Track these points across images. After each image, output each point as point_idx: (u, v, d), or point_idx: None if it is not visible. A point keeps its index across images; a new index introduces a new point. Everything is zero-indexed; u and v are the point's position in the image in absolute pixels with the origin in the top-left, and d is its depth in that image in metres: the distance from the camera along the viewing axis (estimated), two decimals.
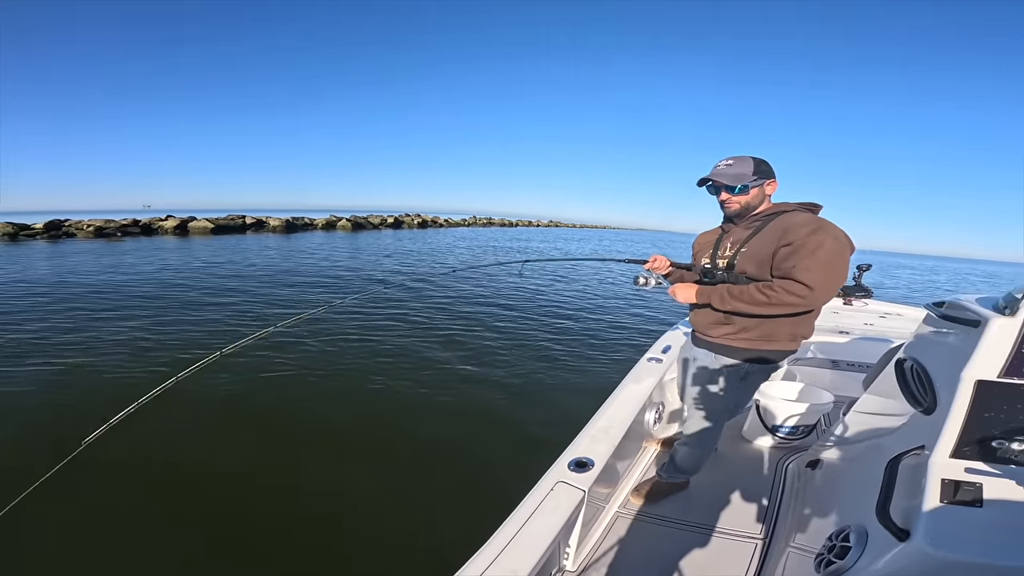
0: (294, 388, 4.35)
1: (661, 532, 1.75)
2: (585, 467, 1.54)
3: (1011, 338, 1.15)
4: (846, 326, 3.47)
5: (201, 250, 16.52)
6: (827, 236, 1.46)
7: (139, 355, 5.13)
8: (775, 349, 1.66)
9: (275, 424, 3.69)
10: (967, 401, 1.16)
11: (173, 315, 6.92)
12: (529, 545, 1.21)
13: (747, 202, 1.63)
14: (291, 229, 28.19)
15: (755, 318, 1.60)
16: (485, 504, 1.76)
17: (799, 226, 1.49)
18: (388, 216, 39.04)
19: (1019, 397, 1.14)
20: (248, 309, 7.50)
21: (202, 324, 6.50)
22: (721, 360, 1.71)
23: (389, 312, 7.30)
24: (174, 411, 3.50)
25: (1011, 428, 1.14)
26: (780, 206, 1.63)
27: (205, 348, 4.25)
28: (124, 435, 1.57)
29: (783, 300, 1.47)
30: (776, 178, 1.65)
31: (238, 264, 12.74)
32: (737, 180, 1.60)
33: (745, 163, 1.61)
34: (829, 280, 1.45)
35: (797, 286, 1.44)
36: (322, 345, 5.54)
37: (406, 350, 5.55)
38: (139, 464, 2.98)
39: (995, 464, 1.13)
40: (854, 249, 1.52)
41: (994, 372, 1.15)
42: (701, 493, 1.97)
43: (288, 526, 2.51)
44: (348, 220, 32.35)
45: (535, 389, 4.54)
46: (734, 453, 2.34)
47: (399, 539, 2.45)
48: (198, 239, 21.44)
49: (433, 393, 4.33)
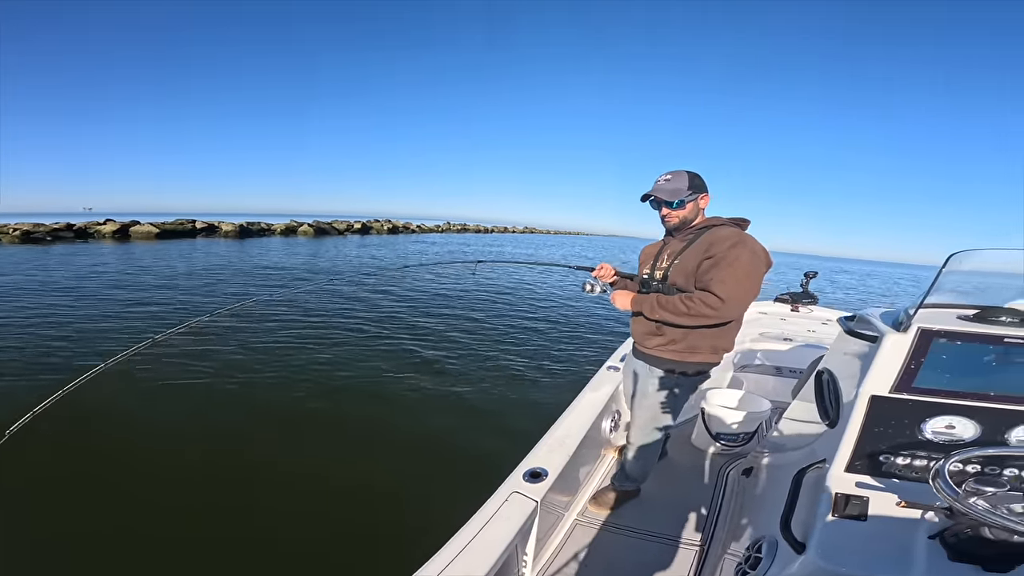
0: (186, 399, 4.03)
1: (615, 540, 1.80)
2: (539, 477, 1.56)
3: (902, 354, 1.20)
4: (791, 333, 3.53)
5: (126, 256, 15.45)
6: (744, 250, 1.54)
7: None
8: (699, 361, 1.73)
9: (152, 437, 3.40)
10: (861, 416, 1.22)
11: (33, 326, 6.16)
12: (482, 553, 1.22)
13: (684, 216, 1.70)
14: (245, 234, 26.93)
15: (681, 329, 1.68)
16: (438, 518, 1.67)
17: (721, 240, 1.58)
18: (355, 221, 37.94)
19: (906, 412, 1.19)
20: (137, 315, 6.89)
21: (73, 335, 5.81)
22: (655, 372, 1.80)
23: (297, 320, 6.79)
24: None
25: (897, 443, 1.19)
26: (711, 220, 1.71)
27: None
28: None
29: (699, 311, 1.55)
30: (709, 192, 1.72)
31: (147, 270, 11.83)
32: (674, 195, 1.67)
33: (681, 178, 1.68)
34: (741, 293, 1.53)
35: (712, 298, 1.52)
36: (219, 352, 5.09)
37: (341, 358, 5.24)
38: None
39: (882, 478, 1.19)
40: (770, 264, 1.60)
41: (886, 387, 1.20)
42: (651, 501, 2.03)
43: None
44: (310, 225, 31.23)
45: (495, 400, 4.42)
46: (683, 460, 2.39)
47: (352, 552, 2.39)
48: (141, 244, 20.10)
49: (388, 401, 4.22)
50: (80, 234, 22.14)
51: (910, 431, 1.18)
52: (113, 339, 5.66)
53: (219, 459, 3.16)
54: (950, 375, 1.18)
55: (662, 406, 1.81)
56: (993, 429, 1.15)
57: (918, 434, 1.18)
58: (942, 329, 1.18)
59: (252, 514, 2.64)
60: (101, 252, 16.37)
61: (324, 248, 21.59)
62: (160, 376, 4.38)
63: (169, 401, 4.01)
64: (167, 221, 26.02)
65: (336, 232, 32.94)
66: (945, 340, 1.18)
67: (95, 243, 20.25)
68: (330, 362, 5.12)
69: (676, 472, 2.28)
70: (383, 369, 4.98)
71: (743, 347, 3.32)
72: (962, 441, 1.16)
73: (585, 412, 2.04)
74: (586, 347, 6.34)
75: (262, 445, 3.37)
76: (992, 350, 1.16)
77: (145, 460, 3.12)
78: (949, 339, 1.18)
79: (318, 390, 4.38)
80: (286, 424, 3.74)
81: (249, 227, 28.10)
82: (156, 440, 3.38)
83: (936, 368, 1.18)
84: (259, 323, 6.43)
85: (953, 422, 1.17)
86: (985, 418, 1.15)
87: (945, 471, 0.93)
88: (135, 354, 1.83)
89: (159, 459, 3.13)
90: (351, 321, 6.92)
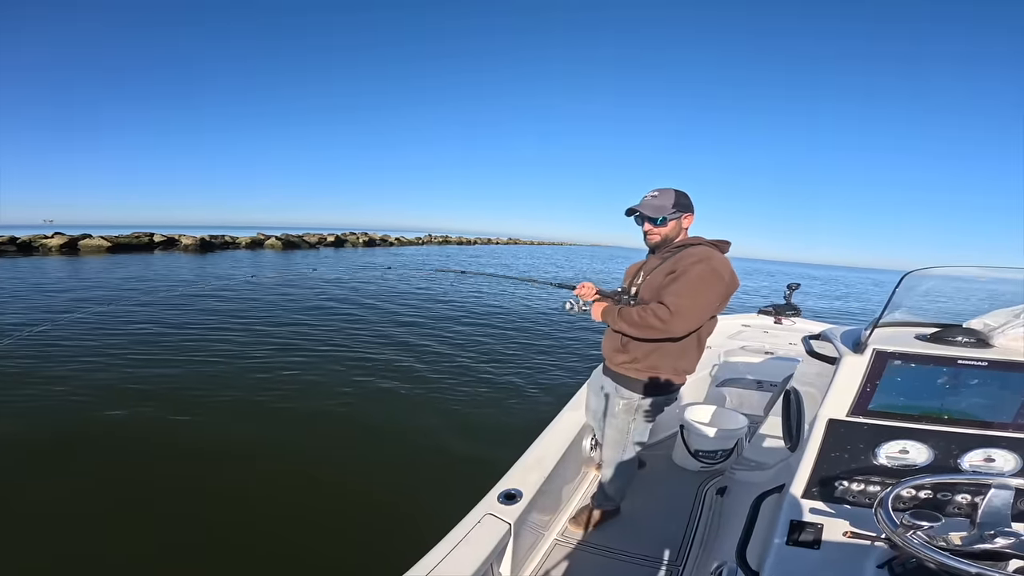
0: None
1: (593, 560, 1.83)
2: (514, 499, 1.58)
3: (858, 376, 1.20)
4: (772, 346, 3.53)
5: (54, 271, 14.77)
6: (705, 267, 1.56)
7: None
8: (663, 381, 1.76)
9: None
10: (819, 440, 1.22)
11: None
12: (453, 574, 1.24)
13: (665, 234, 1.74)
14: (207, 248, 26.25)
15: (643, 348, 1.72)
16: (412, 539, 1.62)
17: (687, 256, 1.62)
18: (328, 234, 37.39)
19: (861, 436, 1.19)
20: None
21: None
22: (620, 390, 1.83)
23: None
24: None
25: (852, 468, 1.20)
26: (691, 240, 1.74)
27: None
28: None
29: (648, 322, 1.59)
30: (694, 212, 1.76)
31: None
32: (658, 212, 1.71)
33: (667, 196, 1.72)
34: (692, 307, 1.55)
35: (661, 309, 1.57)
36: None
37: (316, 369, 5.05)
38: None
39: (837, 504, 1.19)
40: (733, 285, 1.61)
41: (843, 411, 1.21)
42: (631, 519, 2.06)
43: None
44: (278, 238, 30.65)
45: (477, 418, 4.35)
46: (663, 478, 2.41)
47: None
48: (91, 259, 19.30)
49: (366, 417, 4.17)
50: (24, 248, 21.21)
51: (865, 456, 1.19)
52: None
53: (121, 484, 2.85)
54: (905, 398, 1.18)
55: (631, 424, 1.85)
56: (945, 454, 1.15)
57: (872, 459, 1.19)
58: (896, 350, 1.19)
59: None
60: (46, 267, 15.62)
61: (285, 262, 21.04)
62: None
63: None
64: (122, 234, 25.20)
65: (308, 245, 32.37)
66: (900, 362, 1.18)
67: (38, 258, 19.39)
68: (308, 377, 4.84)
69: (657, 490, 2.30)
70: (345, 380, 4.78)
71: (725, 361, 3.32)
72: (915, 466, 1.17)
73: (564, 431, 2.08)
74: (569, 362, 6.21)
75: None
76: (945, 372, 1.16)
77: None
78: (904, 360, 1.18)
79: (292, 403, 4.17)
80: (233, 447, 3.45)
81: (212, 240, 27.41)
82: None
83: (891, 391, 1.18)
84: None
85: (907, 446, 1.17)
86: (938, 442, 1.16)
87: (888, 502, 0.93)
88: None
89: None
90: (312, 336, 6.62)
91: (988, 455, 1.12)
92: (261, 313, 8.33)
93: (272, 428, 3.88)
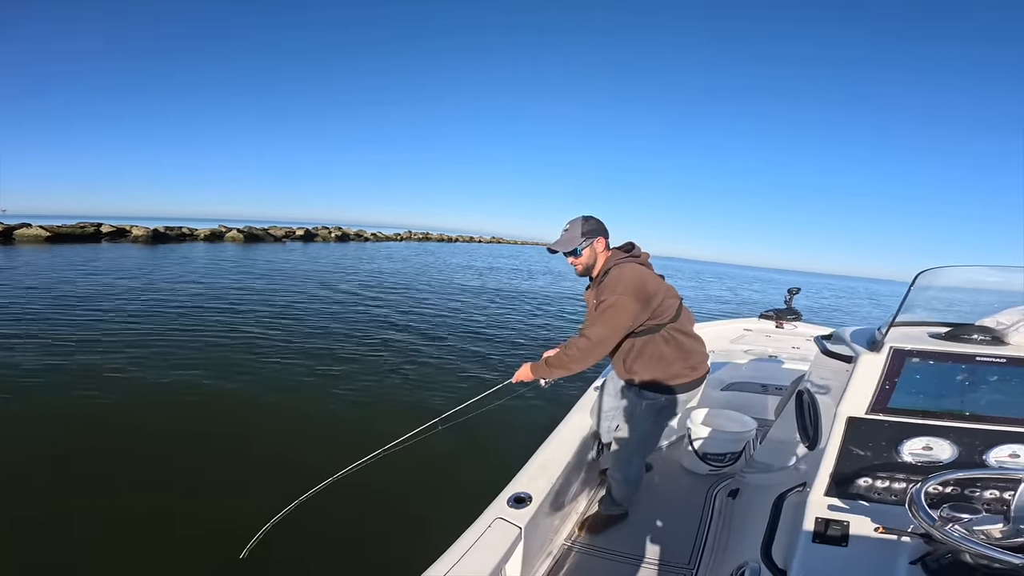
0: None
1: (603, 565, 1.88)
2: (524, 503, 1.63)
3: (876, 374, 1.25)
4: (776, 350, 3.71)
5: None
6: (615, 296, 1.74)
7: None
8: (672, 383, 1.88)
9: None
10: (839, 438, 1.27)
11: None
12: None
13: (584, 263, 1.91)
14: (160, 239, 25.45)
15: (640, 361, 1.88)
16: (425, 543, 1.67)
17: (607, 287, 1.79)
18: (297, 228, 36.68)
19: (883, 433, 1.25)
20: None
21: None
22: (644, 393, 1.92)
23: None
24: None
25: (875, 465, 1.25)
26: (609, 260, 1.89)
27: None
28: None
29: (573, 355, 1.79)
30: (605, 234, 1.91)
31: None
32: (571, 244, 1.87)
33: (575, 226, 1.88)
34: (606, 334, 1.77)
35: (582, 340, 1.78)
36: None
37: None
38: None
39: (862, 502, 1.25)
40: (645, 296, 1.76)
41: (863, 408, 1.26)
42: (641, 524, 2.11)
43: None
44: (239, 231, 29.94)
45: (480, 419, 4.27)
46: (672, 482, 2.49)
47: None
48: (26, 249, 18.47)
49: (368, 416, 4.32)
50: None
51: (887, 453, 1.24)
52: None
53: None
54: (924, 395, 1.23)
55: (651, 425, 1.95)
56: (970, 450, 1.20)
57: (896, 456, 1.24)
58: (914, 348, 1.24)
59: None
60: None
61: (245, 256, 20.56)
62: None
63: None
64: (65, 224, 24.20)
65: (272, 239, 31.68)
66: (918, 359, 1.24)
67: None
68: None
69: (665, 494, 2.37)
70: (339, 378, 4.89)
71: (729, 365, 3.42)
72: (940, 462, 1.22)
73: (572, 435, 2.14)
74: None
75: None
76: (964, 369, 1.21)
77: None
78: (921, 358, 1.24)
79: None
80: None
81: (167, 232, 26.57)
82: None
83: (911, 388, 1.24)
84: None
85: (930, 443, 1.22)
86: (962, 438, 1.20)
87: (921, 496, 0.96)
88: None
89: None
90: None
91: (1014, 451, 1.18)
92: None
93: (293, 432, 4.02)
